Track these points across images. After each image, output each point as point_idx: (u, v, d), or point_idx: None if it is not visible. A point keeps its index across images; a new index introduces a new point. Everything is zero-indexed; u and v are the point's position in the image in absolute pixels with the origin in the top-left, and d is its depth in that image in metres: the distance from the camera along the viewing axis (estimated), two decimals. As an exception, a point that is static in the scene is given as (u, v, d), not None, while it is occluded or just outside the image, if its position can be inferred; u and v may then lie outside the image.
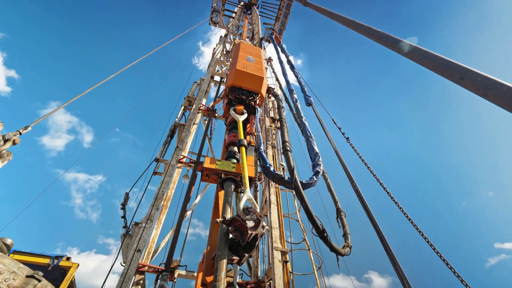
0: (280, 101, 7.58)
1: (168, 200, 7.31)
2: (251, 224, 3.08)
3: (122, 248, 4.97)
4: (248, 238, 3.03)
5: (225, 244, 3.11)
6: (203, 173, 4.54)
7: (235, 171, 4.55)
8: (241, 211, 3.15)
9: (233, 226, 3.07)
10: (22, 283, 0.91)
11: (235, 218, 3.06)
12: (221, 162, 4.70)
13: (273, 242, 5.44)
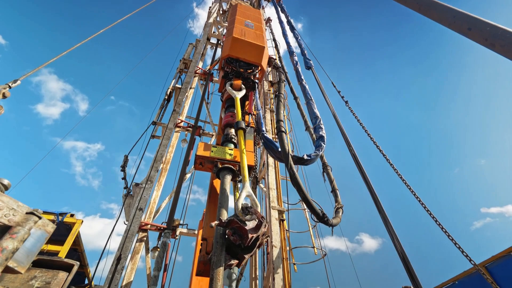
0: (282, 73, 6.91)
1: (167, 163, 7.42)
2: (251, 225, 2.68)
3: (124, 207, 5.13)
4: (248, 242, 2.66)
5: (221, 247, 2.70)
6: (196, 162, 4.04)
7: (232, 159, 4.10)
8: (240, 211, 2.74)
9: (230, 228, 2.70)
10: (23, 219, 0.93)
11: (233, 220, 2.67)
12: (217, 148, 4.20)
13: (271, 202, 5.64)
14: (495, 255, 5.13)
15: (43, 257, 1.33)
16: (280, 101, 5.58)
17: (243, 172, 3.49)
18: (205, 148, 4.10)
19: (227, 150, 4.19)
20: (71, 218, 3.82)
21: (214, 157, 3.97)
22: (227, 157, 4.04)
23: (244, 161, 3.63)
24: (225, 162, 3.98)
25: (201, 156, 3.96)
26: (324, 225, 4.00)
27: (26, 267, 0.97)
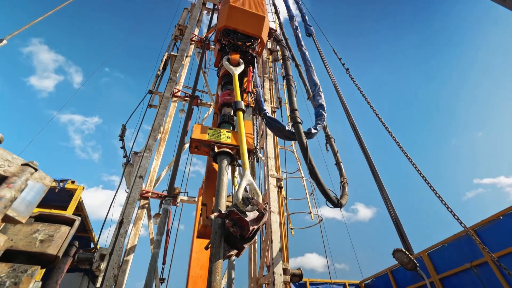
0: (285, 48, 6.28)
1: (165, 133, 7.40)
2: (252, 216, 2.55)
3: (125, 175, 5.20)
4: (249, 234, 2.56)
5: (220, 238, 2.59)
6: (192, 145, 3.80)
7: (230, 143, 3.82)
8: (240, 201, 2.59)
9: (230, 219, 2.58)
10: (18, 170, 0.93)
11: (233, 211, 2.54)
12: (214, 131, 3.89)
13: (269, 170, 5.72)
14: (485, 219, 5.34)
15: (45, 213, 1.36)
16: (291, 86, 5.14)
17: (242, 159, 3.24)
18: (201, 131, 3.85)
19: (225, 133, 3.93)
20: (72, 184, 3.88)
21: (210, 141, 3.74)
22: (224, 140, 3.81)
23: (243, 146, 3.34)
24: (222, 145, 3.76)
25: (196, 139, 3.72)
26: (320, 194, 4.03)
27: (27, 217, 0.99)
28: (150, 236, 5.90)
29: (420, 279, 6.28)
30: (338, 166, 6.27)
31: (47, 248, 1.23)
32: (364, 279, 8.21)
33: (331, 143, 6.50)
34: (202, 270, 4.64)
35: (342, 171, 5.86)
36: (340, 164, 6.16)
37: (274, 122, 4.49)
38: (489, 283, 5.09)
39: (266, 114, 4.55)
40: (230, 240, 2.56)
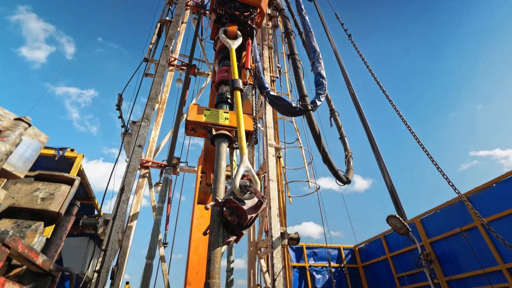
0: (287, 20, 5.77)
1: (163, 103, 7.30)
2: (250, 204, 2.50)
3: (124, 145, 5.22)
4: (247, 222, 2.51)
5: (218, 226, 2.53)
6: (188, 127, 3.65)
7: (228, 124, 3.65)
8: (238, 189, 2.51)
9: (228, 208, 2.54)
10: (11, 124, 0.92)
11: (230, 200, 2.47)
12: (210, 112, 3.73)
13: (268, 140, 5.74)
14: (478, 187, 5.47)
15: (44, 172, 1.37)
16: (298, 67, 4.79)
17: (240, 143, 3.05)
18: (197, 112, 3.64)
19: (222, 114, 3.73)
20: (72, 152, 3.90)
21: (207, 122, 3.55)
22: (222, 121, 3.62)
23: (241, 130, 3.12)
24: (220, 127, 3.57)
25: (192, 121, 3.52)
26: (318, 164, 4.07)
27: (24, 172, 1.00)
28: (152, 204, 6.06)
29: (411, 243, 6.59)
30: (343, 140, 6.30)
31: (49, 205, 1.25)
32: (358, 244, 8.62)
33: (335, 117, 6.47)
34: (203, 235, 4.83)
35: (346, 145, 5.90)
36: (345, 138, 6.18)
37: (279, 100, 4.28)
38: (477, 246, 5.34)
39: (269, 92, 4.29)
40: (228, 227, 2.51)
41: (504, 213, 4.95)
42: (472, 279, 5.35)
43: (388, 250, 7.37)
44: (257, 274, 5.94)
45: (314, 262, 7.88)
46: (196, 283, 4.36)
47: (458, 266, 5.67)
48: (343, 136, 6.32)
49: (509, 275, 4.75)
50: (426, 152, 4.28)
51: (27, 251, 0.94)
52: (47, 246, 1.37)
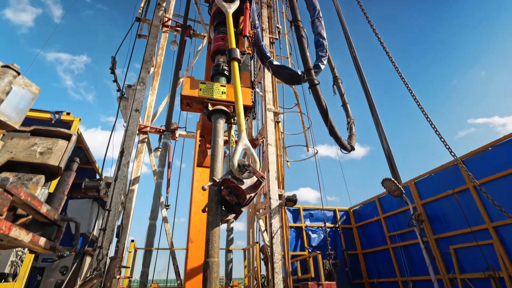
0: None
1: (158, 67, 7.08)
2: (249, 183, 2.44)
3: (121, 109, 5.14)
4: (246, 202, 2.48)
5: (216, 205, 2.50)
6: (183, 102, 3.44)
7: (225, 99, 3.45)
8: (236, 169, 2.44)
9: (226, 187, 2.48)
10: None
11: (228, 179, 2.42)
12: (206, 85, 3.49)
13: (266, 104, 5.67)
14: (473, 150, 5.54)
15: (40, 127, 1.35)
16: (302, 36, 4.44)
17: (238, 120, 2.90)
18: (191, 86, 3.41)
19: (219, 87, 3.50)
20: (68, 116, 3.85)
21: (203, 97, 3.35)
22: (219, 96, 3.41)
23: (239, 105, 2.97)
24: (216, 102, 3.38)
25: (187, 96, 3.32)
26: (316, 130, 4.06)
27: (18, 123, 0.98)
28: (153, 168, 6.16)
29: (404, 205, 6.85)
30: (345, 107, 6.24)
31: (48, 159, 1.26)
32: (353, 206, 8.96)
33: (338, 85, 6.32)
34: (203, 196, 4.99)
35: (348, 112, 5.86)
36: (347, 105, 6.12)
37: (284, 70, 4.07)
38: (467, 207, 5.57)
39: (272, 62, 4.05)
40: (227, 205, 2.49)
41: (496, 176, 5.08)
42: (459, 237, 5.66)
43: (382, 212, 7.69)
44: (256, 233, 6.25)
45: (310, 222, 8.26)
46: (198, 241, 4.59)
47: (447, 225, 5.96)
48: (345, 103, 6.24)
49: (494, 232, 5.01)
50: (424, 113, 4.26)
51: (30, 199, 0.96)
52: (50, 200, 1.41)
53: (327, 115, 4.06)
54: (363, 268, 8.02)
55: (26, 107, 1.00)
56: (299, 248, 7.77)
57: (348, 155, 6.07)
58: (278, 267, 4.30)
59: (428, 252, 6.06)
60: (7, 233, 0.87)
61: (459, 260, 5.60)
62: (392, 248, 7.19)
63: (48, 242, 1.16)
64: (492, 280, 4.88)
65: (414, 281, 6.50)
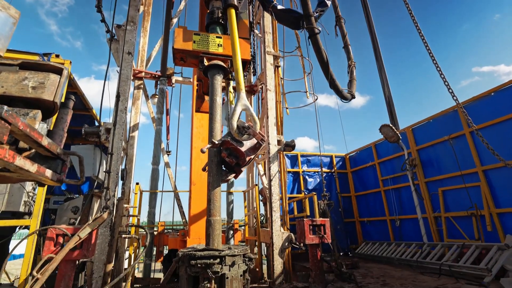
0: None
1: (148, 5, 6.51)
2: (248, 145, 2.39)
3: (112, 53, 4.88)
4: (246, 163, 2.44)
5: (216, 166, 2.47)
6: (176, 57, 3.13)
7: (222, 52, 3.11)
8: (235, 130, 2.35)
9: (225, 149, 2.43)
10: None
11: (227, 141, 2.36)
12: (201, 37, 3.12)
13: (266, 47, 5.38)
14: (476, 96, 5.47)
15: (29, 60, 1.29)
16: None
17: (236, 77, 2.72)
18: (184, 38, 3.07)
19: (215, 39, 3.16)
20: (57, 58, 3.66)
21: (197, 51, 3.07)
22: (214, 49, 3.10)
23: (237, 60, 2.73)
24: (212, 56, 3.10)
25: (180, 49, 3.04)
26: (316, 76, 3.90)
27: (3, 50, 0.92)
28: (151, 115, 6.13)
29: (399, 151, 7.03)
30: (346, 49, 5.89)
31: (42, 94, 1.22)
32: (349, 152, 9.21)
33: (340, 25, 5.88)
34: (203, 142, 5.06)
35: (350, 54, 5.54)
36: (349, 47, 5.76)
37: (290, 14, 3.71)
38: (460, 153, 5.72)
39: (276, 7, 3.68)
40: (227, 165, 2.48)
41: (495, 121, 5.10)
42: (448, 180, 5.93)
43: (377, 157, 7.93)
44: (255, 177, 6.52)
45: (307, 168, 8.58)
46: (200, 183, 4.81)
47: (439, 169, 6.20)
48: (347, 45, 5.89)
49: (483, 175, 5.24)
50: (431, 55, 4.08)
51: (29, 130, 0.96)
52: (50, 136, 1.41)
53: (328, 67, 3.88)
54: (355, 209, 8.60)
55: (8, 33, 0.93)
56: (296, 191, 8.22)
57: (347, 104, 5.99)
58: (276, 206, 4.59)
59: (417, 194, 6.42)
60: (11, 161, 0.89)
61: (446, 201, 5.97)
62: (384, 190, 7.61)
63: (55, 174, 1.20)
64: (474, 218, 5.28)
65: (401, 220, 7.03)
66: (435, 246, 5.55)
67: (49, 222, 5.06)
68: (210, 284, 2.12)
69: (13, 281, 5.13)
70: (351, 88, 5.19)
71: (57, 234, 2.91)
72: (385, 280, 4.37)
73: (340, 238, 7.97)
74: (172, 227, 6.64)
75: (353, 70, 5.57)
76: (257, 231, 4.92)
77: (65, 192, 5.40)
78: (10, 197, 3.56)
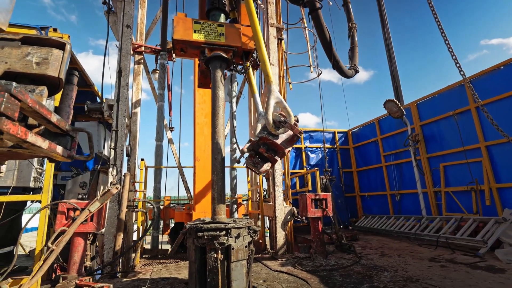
0: None
1: (145, -27, 6.20)
2: (284, 137, 2.40)
3: (111, 26, 4.73)
4: (284, 155, 2.47)
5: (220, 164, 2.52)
6: (176, 47, 2.95)
7: (224, 43, 2.90)
8: (272, 125, 2.33)
9: (263, 145, 2.41)
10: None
11: (264, 137, 2.36)
12: (201, 25, 2.90)
13: (269, 19, 5.18)
14: (484, 70, 5.32)
15: (31, 35, 1.26)
16: None
17: (265, 69, 2.54)
18: (184, 27, 2.86)
19: (216, 28, 2.94)
20: (55, 32, 3.56)
21: (199, 42, 2.87)
22: (216, 39, 2.88)
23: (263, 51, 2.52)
24: (215, 47, 2.89)
25: (180, 40, 2.84)
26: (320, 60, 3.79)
27: (6, 24, 0.90)
28: (152, 91, 6.07)
29: (402, 126, 7.00)
30: (346, 7, 5.46)
31: (46, 70, 1.21)
32: (352, 128, 9.18)
33: None
34: (206, 118, 5.05)
35: (350, 13, 5.18)
36: (349, 5, 5.36)
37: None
38: (464, 129, 5.68)
39: None
40: (262, 156, 2.49)
41: (502, 96, 5.01)
42: (451, 155, 5.96)
43: (380, 133, 7.92)
44: (258, 153, 6.58)
45: (309, 143, 8.61)
46: (204, 159, 4.87)
47: (441, 145, 6.21)
48: (347, 2, 5.42)
49: (485, 151, 5.25)
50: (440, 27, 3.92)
51: (38, 107, 0.96)
52: (57, 113, 1.41)
53: (331, 46, 3.74)
54: (356, 184, 8.75)
55: (9, 6, 0.90)
56: (298, 167, 8.32)
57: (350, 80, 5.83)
58: (278, 181, 4.68)
59: (419, 169, 6.49)
60: (24, 137, 0.90)
61: (447, 176, 6.04)
62: (386, 166, 7.68)
63: (65, 151, 1.22)
64: (473, 192, 5.36)
65: (401, 194, 7.17)
66: (433, 220, 5.71)
67: (58, 197, 5.21)
68: (216, 254, 2.22)
69: (29, 252, 5.40)
70: (354, 58, 4.97)
71: (68, 208, 3.02)
72: (383, 251, 4.55)
73: (341, 212, 8.19)
74: (178, 201, 6.83)
75: (354, 34, 5.24)
76: (260, 205, 5.06)
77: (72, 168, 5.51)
78: (20, 173, 3.64)
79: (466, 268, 3.34)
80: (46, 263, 2.49)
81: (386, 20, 7.14)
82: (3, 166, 1.55)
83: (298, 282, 2.97)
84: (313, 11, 3.50)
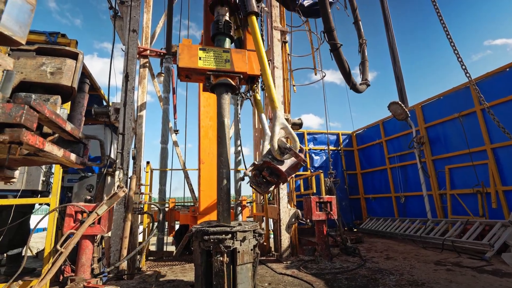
0: None
1: (151, -22, 6.28)
2: (289, 163, 2.41)
3: (117, 30, 4.80)
4: (286, 182, 2.49)
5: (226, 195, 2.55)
6: (181, 74, 2.95)
7: (230, 69, 2.87)
8: (277, 151, 2.35)
9: (266, 168, 2.44)
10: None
11: (267, 161, 2.39)
12: (206, 53, 2.89)
13: (273, 22, 5.22)
14: (490, 72, 5.30)
15: (45, 46, 1.30)
16: None
17: (270, 94, 2.51)
18: (189, 55, 2.84)
19: (221, 54, 2.91)
20: (64, 38, 3.63)
21: (204, 69, 2.84)
22: (222, 66, 2.86)
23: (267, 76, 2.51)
24: (221, 74, 2.86)
25: (185, 68, 2.83)
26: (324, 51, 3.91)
27: (24, 38, 0.94)
28: (158, 94, 6.12)
29: (407, 128, 6.98)
30: (357, 25, 5.58)
31: (60, 79, 1.25)
32: (356, 130, 9.17)
33: None
34: (211, 121, 5.09)
35: (360, 30, 5.26)
36: (359, 23, 5.47)
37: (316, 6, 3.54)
38: (470, 131, 5.65)
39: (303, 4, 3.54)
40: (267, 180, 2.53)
41: (507, 98, 4.99)
42: (456, 157, 5.92)
43: (384, 135, 7.89)
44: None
45: (314, 146, 8.61)
46: (208, 162, 4.90)
47: (446, 147, 6.17)
48: (357, 20, 5.59)
49: (491, 153, 5.22)
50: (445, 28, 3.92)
51: (55, 117, 1.00)
52: (70, 121, 1.45)
53: (350, 76, 3.95)
54: (360, 186, 8.72)
55: (27, 21, 0.94)
56: (302, 169, 8.32)
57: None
58: (283, 184, 4.69)
59: (424, 171, 6.45)
60: (42, 147, 0.93)
61: (452, 179, 6.00)
62: (390, 168, 7.65)
63: (78, 158, 1.26)
64: (479, 195, 5.33)
65: (406, 197, 7.13)
66: (439, 222, 5.67)
67: (65, 199, 5.28)
68: (222, 258, 2.24)
69: (36, 254, 5.47)
70: (364, 73, 5.02)
71: (75, 211, 3.07)
72: (388, 254, 4.53)
73: (345, 214, 8.17)
74: (183, 203, 6.87)
75: (365, 50, 5.35)
76: (264, 208, 5.07)
77: (78, 171, 5.58)
78: (29, 177, 3.70)
79: (472, 272, 3.32)
80: (55, 265, 2.53)
81: (390, 22, 7.14)
82: (16, 171, 1.59)
83: (303, 285, 2.98)
84: (335, 50, 3.67)
